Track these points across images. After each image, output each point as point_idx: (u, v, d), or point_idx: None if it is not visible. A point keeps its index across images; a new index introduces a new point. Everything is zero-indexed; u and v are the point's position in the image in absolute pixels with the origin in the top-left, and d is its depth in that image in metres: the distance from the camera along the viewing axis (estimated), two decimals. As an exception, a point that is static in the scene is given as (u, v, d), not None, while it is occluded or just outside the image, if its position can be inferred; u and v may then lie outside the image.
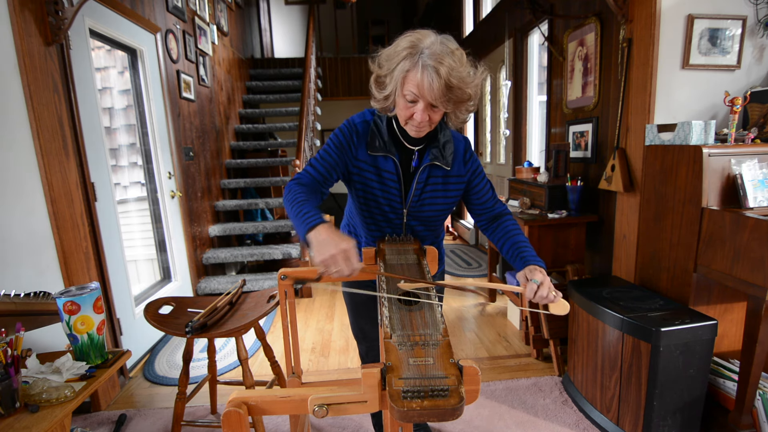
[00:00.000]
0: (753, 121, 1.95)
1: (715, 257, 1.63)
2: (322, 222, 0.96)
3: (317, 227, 0.94)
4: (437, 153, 1.19)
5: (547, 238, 2.46)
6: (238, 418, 0.71)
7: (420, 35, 1.03)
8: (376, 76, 1.12)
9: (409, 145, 1.20)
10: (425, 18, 7.70)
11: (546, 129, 3.27)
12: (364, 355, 1.59)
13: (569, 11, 2.82)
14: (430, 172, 1.20)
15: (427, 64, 0.99)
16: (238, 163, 4.43)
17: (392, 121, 1.20)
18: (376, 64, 1.11)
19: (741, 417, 1.62)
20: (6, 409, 1.06)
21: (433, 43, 1.01)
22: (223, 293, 1.80)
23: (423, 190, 1.21)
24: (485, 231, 1.31)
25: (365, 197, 1.22)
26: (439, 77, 0.98)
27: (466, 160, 1.25)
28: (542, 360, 2.44)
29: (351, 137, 1.19)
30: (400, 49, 1.03)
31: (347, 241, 0.91)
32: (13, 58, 1.74)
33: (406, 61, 1.01)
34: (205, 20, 3.95)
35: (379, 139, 1.18)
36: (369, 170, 1.19)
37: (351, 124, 1.20)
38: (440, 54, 0.99)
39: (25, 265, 1.79)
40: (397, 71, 1.04)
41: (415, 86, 1.01)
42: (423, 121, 1.07)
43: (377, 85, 1.12)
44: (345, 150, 1.18)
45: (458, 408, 0.59)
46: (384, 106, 1.13)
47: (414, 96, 1.03)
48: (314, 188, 1.14)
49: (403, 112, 1.09)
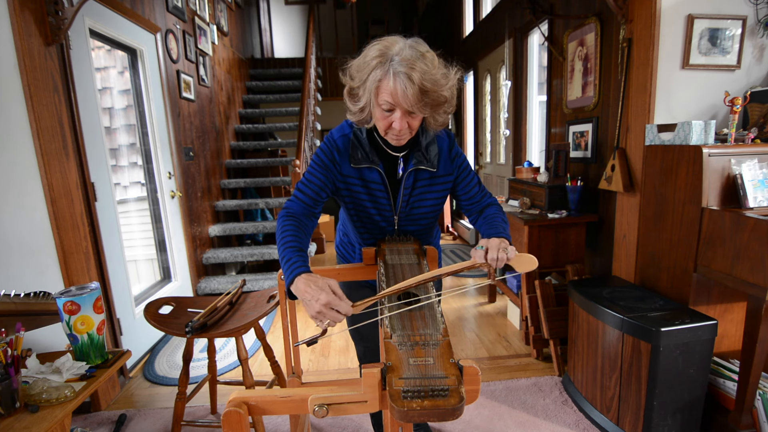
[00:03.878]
0: (753, 121, 1.95)
1: (715, 257, 1.63)
2: (298, 274, 0.93)
3: (295, 281, 0.93)
4: (421, 157, 1.18)
5: (547, 238, 2.46)
6: (238, 418, 0.71)
7: (388, 42, 1.01)
8: (348, 88, 1.10)
9: (392, 152, 1.18)
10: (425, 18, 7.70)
11: (546, 129, 3.27)
12: (361, 356, 1.59)
13: (569, 11, 2.82)
14: (416, 176, 1.19)
15: (398, 71, 0.97)
16: (238, 163, 4.43)
17: (373, 131, 1.18)
18: (347, 76, 1.09)
19: (741, 417, 1.62)
20: (6, 409, 1.06)
21: (402, 49, 0.99)
22: (223, 293, 1.80)
23: (411, 195, 1.21)
24: (474, 223, 1.30)
25: (356, 209, 1.22)
26: (413, 83, 0.96)
27: (452, 158, 1.24)
28: (542, 360, 2.44)
29: (333, 155, 1.17)
30: (369, 58, 1.01)
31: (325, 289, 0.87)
32: (13, 58, 1.74)
33: (377, 70, 0.99)
34: (205, 20, 3.95)
35: (361, 150, 1.16)
36: (356, 183, 1.18)
37: (330, 141, 1.19)
38: (411, 59, 0.97)
39: (25, 265, 1.79)
40: (369, 81, 1.01)
41: (389, 95, 0.99)
42: (402, 129, 1.05)
43: (351, 98, 1.10)
44: (329, 169, 1.17)
45: (458, 408, 0.59)
46: (360, 118, 1.11)
47: (390, 105, 1.01)
48: (305, 214, 1.14)
49: (381, 123, 1.07)
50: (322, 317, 0.86)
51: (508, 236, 1.09)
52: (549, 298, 2.35)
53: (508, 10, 3.83)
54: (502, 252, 0.97)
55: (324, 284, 0.89)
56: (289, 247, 1.01)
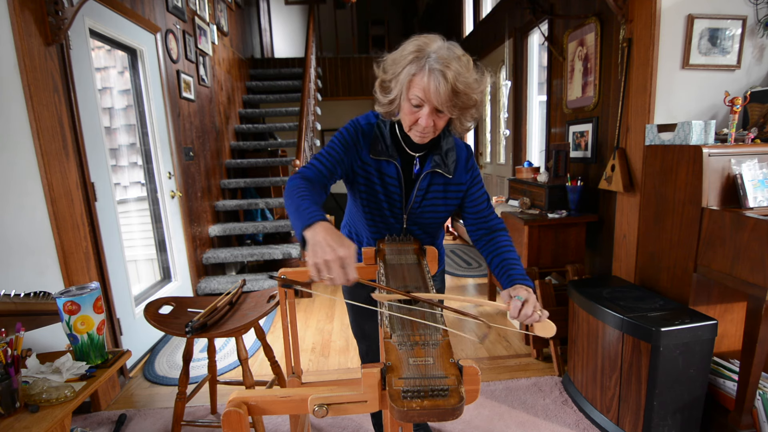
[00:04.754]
0: (753, 121, 1.95)
1: (715, 257, 1.63)
2: (321, 219, 0.88)
3: (315, 225, 0.86)
4: (439, 160, 1.18)
5: (547, 238, 2.46)
6: (238, 418, 0.71)
7: (427, 39, 1.02)
8: (381, 80, 1.11)
9: (411, 151, 1.19)
10: (425, 18, 7.70)
11: (546, 129, 3.28)
12: (364, 355, 1.59)
13: (569, 11, 2.82)
14: (431, 179, 1.20)
15: (434, 67, 0.98)
16: (238, 163, 4.43)
17: (395, 126, 1.19)
18: (381, 68, 1.10)
19: (741, 417, 1.62)
20: (6, 409, 1.06)
21: (440, 48, 1.00)
22: (223, 293, 1.80)
23: (424, 197, 1.21)
24: (477, 243, 1.27)
25: (368, 199, 1.22)
26: (446, 81, 0.97)
27: (467, 168, 1.24)
28: (542, 360, 2.44)
29: (357, 137, 1.18)
30: (406, 53, 1.02)
31: (347, 246, 0.82)
32: (13, 58, 1.74)
33: (413, 65, 1.01)
34: (205, 20, 3.95)
35: (382, 143, 1.18)
36: (373, 173, 1.19)
37: (357, 125, 1.19)
38: (447, 58, 0.98)
39: (25, 265, 1.79)
40: (402, 75, 1.02)
41: (421, 90, 1.00)
42: (428, 126, 1.05)
43: (382, 90, 1.11)
44: (351, 149, 1.17)
45: (458, 408, 0.59)
46: (388, 110, 1.12)
47: (419, 100, 1.02)
48: (319, 183, 1.10)
49: (407, 117, 1.08)
50: (326, 269, 0.80)
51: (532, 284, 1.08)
52: (549, 298, 2.35)
53: (508, 10, 3.83)
54: (536, 313, 0.96)
55: (348, 242, 0.83)
56: (308, 198, 0.96)
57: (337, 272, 0.80)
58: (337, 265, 0.80)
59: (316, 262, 0.80)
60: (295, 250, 3.72)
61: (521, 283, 1.06)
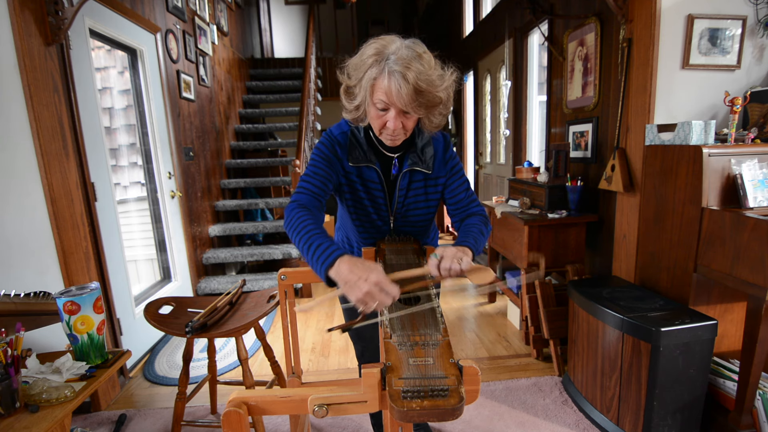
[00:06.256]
0: (753, 121, 1.95)
1: (715, 257, 1.63)
2: (338, 255, 0.88)
3: (335, 264, 0.87)
4: (416, 158, 1.18)
5: (547, 238, 2.46)
6: (238, 418, 0.71)
7: (385, 41, 1.01)
8: (345, 86, 1.10)
9: (388, 152, 1.18)
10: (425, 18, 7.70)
11: (546, 129, 3.27)
12: (360, 356, 1.59)
13: (569, 11, 2.82)
14: (411, 177, 1.20)
15: (393, 69, 0.97)
16: (238, 163, 4.43)
17: (369, 130, 1.18)
18: (344, 74, 1.09)
19: (741, 417, 1.62)
20: (6, 409, 1.06)
21: (399, 48, 0.99)
22: (223, 293, 1.80)
23: (406, 196, 1.21)
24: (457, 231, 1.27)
25: (354, 206, 1.22)
26: (407, 82, 0.96)
27: (446, 160, 1.23)
28: (542, 360, 2.44)
29: (334, 149, 1.17)
30: (366, 57, 1.01)
31: (374, 269, 0.83)
32: (13, 58, 1.74)
33: (373, 68, 1.00)
34: (205, 20, 3.95)
35: (359, 149, 1.17)
36: (356, 180, 1.19)
37: (331, 136, 1.18)
38: (407, 58, 0.97)
39: (25, 265, 1.79)
40: (365, 80, 1.02)
41: (383, 93, 0.99)
42: (397, 128, 1.04)
43: (347, 96, 1.11)
44: (333, 162, 1.16)
45: (458, 408, 0.59)
46: (356, 116, 1.12)
47: (384, 104, 1.01)
48: (315, 207, 1.10)
49: (375, 122, 1.07)
50: (370, 299, 0.80)
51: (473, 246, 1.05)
52: (549, 298, 2.35)
53: (508, 10, 3.83)
54: (456, 263, 0.94)
55: (372, 264, 0.85)
56: (316, 233, 0.95)
57: (381, 297, 0.81)
58: (377, 290, 0.81)
59: (358, 298, 0.81)
60: (295, 250, 3.72)
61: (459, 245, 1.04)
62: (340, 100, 1.14)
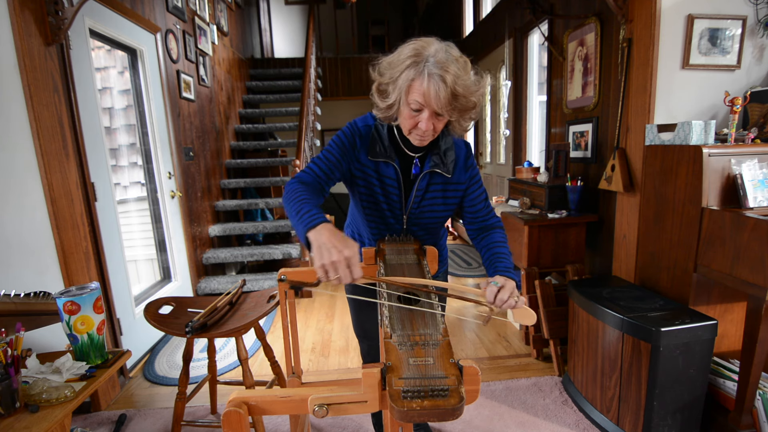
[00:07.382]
0: (753, 121, 1.95)
1: (715, 257, 1.63)
2: (323, 221, 0.91)
3: (318, 227, 0.89)
4: (438, 160, 1.18)
5: (547, 238, 2.46)
6: (238, 418, 0.71)
7: (424, 43, 1.02)
8: (377, 84, 1.09)
9: (410, 152, 1.19)
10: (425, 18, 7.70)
11: (546, 129, 3.28)
12: (365, 354, 1.59)
13: (569, 11, 2.82)
14: (430, 179, 1.20)
15: (432, 72, 0.97)
16: (238, 163, 4.43)
17: (393, 128, 1.19)
18: (377, 71, 1.09)
19: (741, 417, 1.62)
20: (6, 409, 1.06)
21: (438, 51, 1.00)
22: (223, 293, 1.80)
23: (423, 197, 1.21)
24: (473, 239, 1.28)
25: (368, 200, 1.22)
26: (446, 85, 0.97)
27: (467, 167, 1.24)
28: (542, 360, 2.44)
29: (354, 140, 1.18)
30: (403, 57, 1.01)
31: (351, 246, 0.85)
32: (13, 58, 1.74)
33: (411, 69, 1.00)
34: (205, 20, 3.95)
35: (380, 144, 1.17)
36: (372, 175, 1.19)
37: (354, 127, 1.19)
38: (445, 62, 0.98)
39: (25, 265, 1.79)
40: (401, 80, 1.02)
41: (420, 95, 1.00)
42: (428, 129, 1.05)
43: (380, 94, 1.10)
44: (347, 151, 1.17)
45: (458, 408, 0.59)
46: (387, 115, 1.11)
47: (419, 105, 1.02)
48: (316, 187, 1.11)
49: (407, 122, 1.07)
50: (333, 269, 0.83)
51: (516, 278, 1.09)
52: (549, 298, 2.35)
53: (508, 10, 3.83)
54: (513, 299, 0.97)
55: (351, 242, 0.87)
56: (310, 203, 0.98)
57: (344, 272, 0.83)
58: (344, 265, 0.83)
59: (323, 264, 0.84)
60: (295, 250, 3.72)
61: (503, 274, 1.07)
62: (371, 97, 1.14)
